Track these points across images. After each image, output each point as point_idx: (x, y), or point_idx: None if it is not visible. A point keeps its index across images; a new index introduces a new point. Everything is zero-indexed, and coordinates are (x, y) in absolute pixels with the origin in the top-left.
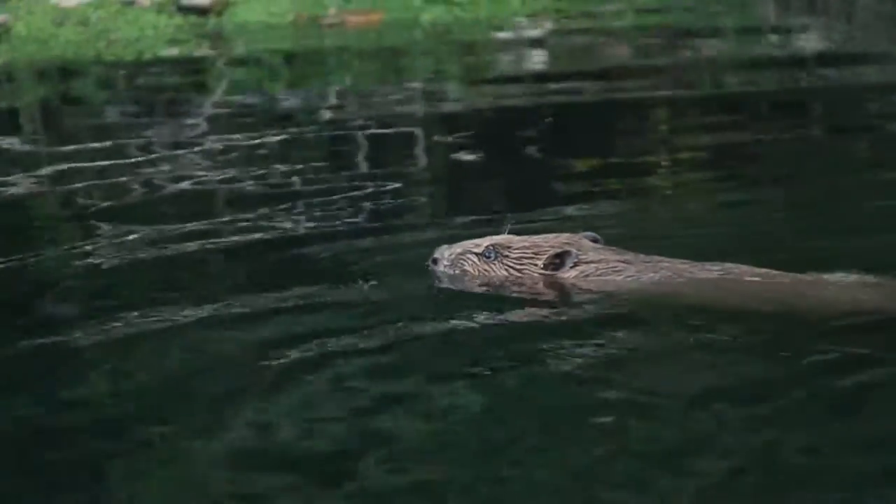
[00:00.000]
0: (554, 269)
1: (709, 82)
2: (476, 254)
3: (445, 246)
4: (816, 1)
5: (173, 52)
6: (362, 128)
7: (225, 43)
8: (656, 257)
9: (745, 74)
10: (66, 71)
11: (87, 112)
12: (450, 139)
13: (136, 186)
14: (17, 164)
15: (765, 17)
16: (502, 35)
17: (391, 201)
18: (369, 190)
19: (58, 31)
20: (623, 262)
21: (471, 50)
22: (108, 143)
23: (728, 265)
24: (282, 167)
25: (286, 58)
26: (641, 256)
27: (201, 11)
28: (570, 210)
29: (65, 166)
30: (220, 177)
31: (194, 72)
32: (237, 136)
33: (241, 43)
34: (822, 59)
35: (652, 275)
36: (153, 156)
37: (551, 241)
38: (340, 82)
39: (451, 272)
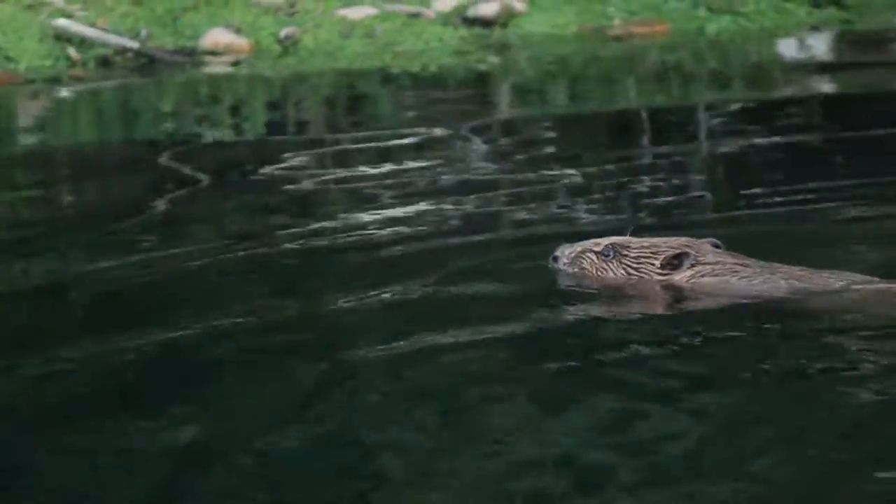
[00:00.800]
0: (671, 270)
1: None
2: (595, 252)
3: (566, 244)
4: None
5: (458, 63)
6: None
7: (509, 54)
8: (776, 264)
9: None
10: (352, 82)
11: (372, 122)
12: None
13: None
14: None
15: None
16: (785, 43)
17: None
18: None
19: (344, 43)
20: (740, 265)
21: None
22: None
23: (848, 274)
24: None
25: (570, 69)
26: (760, 262)
27: (486, 23)
28: None
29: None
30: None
31: (479, 83)
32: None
33: (525, 54)
34: None
35: (766, 279)
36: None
37: (670, 243)
38: (627, 93)
39: (571, 270)
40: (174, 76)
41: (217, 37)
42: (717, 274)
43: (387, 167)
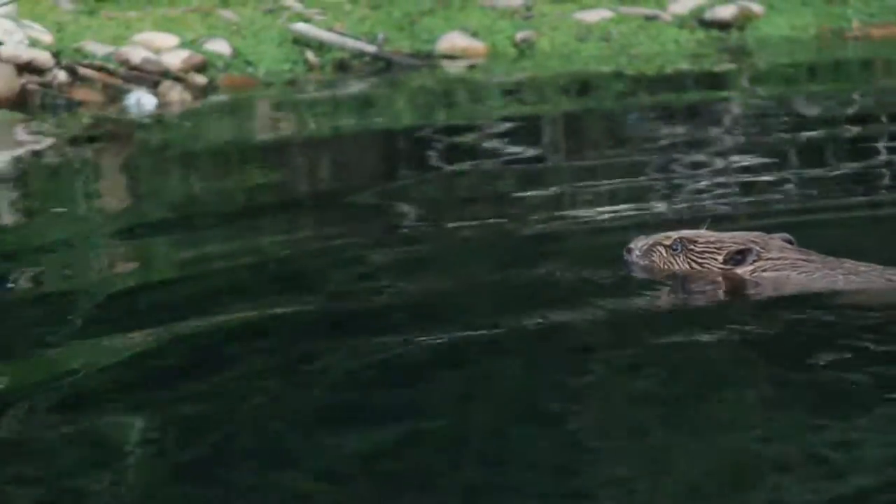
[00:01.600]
0: (734, 265)
1: None
2: (665, 246)
3: (642, 236)
4: None
5: (694, 66)
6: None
7: (747, 57)
8: (843, 259)
9: None
10: (588, 85)
11: (607, 124)
12: None
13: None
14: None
15: None
16: None
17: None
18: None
19: (580, 46)
20: (803, 260)
21: None
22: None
23: None
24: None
25: (809, 70)
26: (827, 258)
27: (723, 26)
28: None
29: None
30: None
31: (715, 86)
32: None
33: (763, 57)
34: None
35: (825, 274)
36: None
37: (736, 238)
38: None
39: (642, 262)
40: (411, 79)
41: (453, 40)
42: (778, 269)
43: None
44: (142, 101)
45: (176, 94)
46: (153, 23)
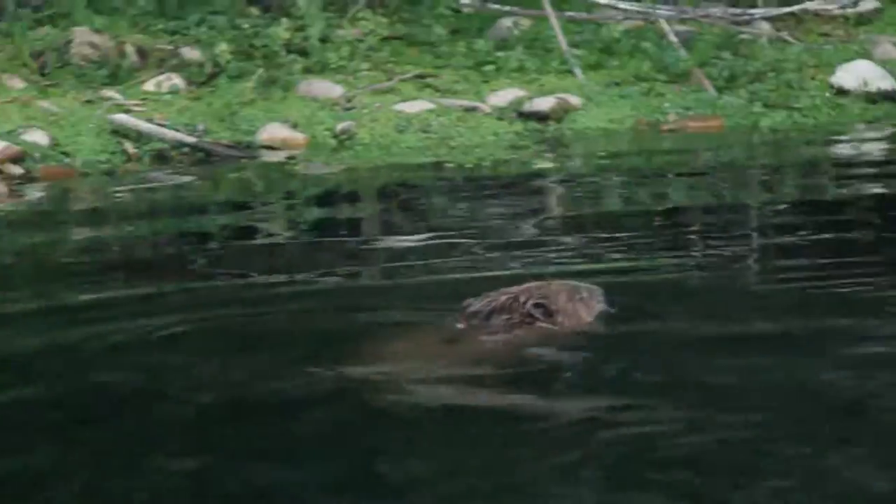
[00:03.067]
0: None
1: None
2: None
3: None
4: None
5: (513, 157)
6: None
7: (564, 149)
8: None
9: None
10: (407, 176)
11: (423, 215)
12: None
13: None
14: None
15: None
16: (841, 139)
17: None
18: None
19: (400, 137)
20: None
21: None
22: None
23: None
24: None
25: (624, 161)
26: None
27: (541, 118)
28: None
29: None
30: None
31: (533, 176)
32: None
33: (580, 148)
34: None
35: None
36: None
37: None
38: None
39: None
40: (230, 171)
41: (273, 131)
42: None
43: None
44: None
45: None
46: None
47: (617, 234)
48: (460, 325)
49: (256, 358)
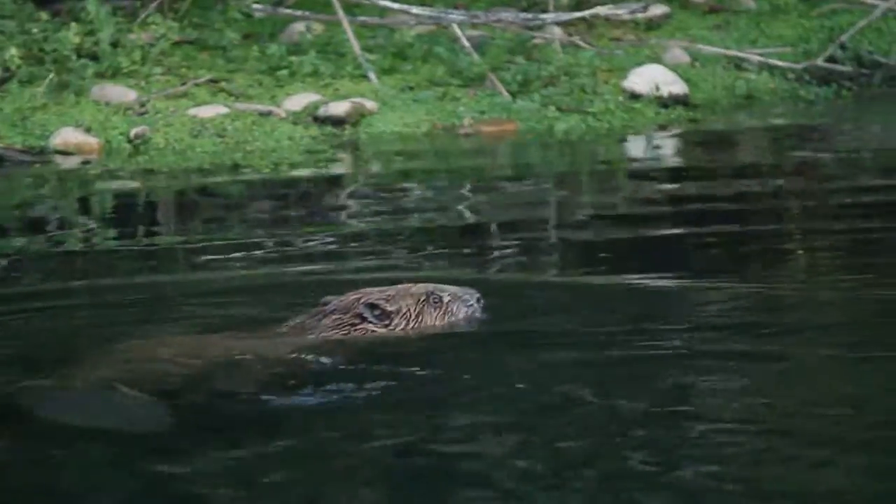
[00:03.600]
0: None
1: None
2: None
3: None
4: None
5: (308, 161)
6: None
7: (360, 153)
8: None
9: None
10: (202, 181)
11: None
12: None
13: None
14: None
15: None
16: (634, 142)
17: None
18: None
19: (195, 142)
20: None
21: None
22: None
23: None
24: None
25: (420, 165)
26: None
27: (337, 122)
28: None
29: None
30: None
31: (329, 181)
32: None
33: (376, 152)
34: None
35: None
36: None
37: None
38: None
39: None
40: (23, 176)
41: (67, 136)
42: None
43: None
44: None
45: None
46: None
47: (420, 243)
48: (288, 325)
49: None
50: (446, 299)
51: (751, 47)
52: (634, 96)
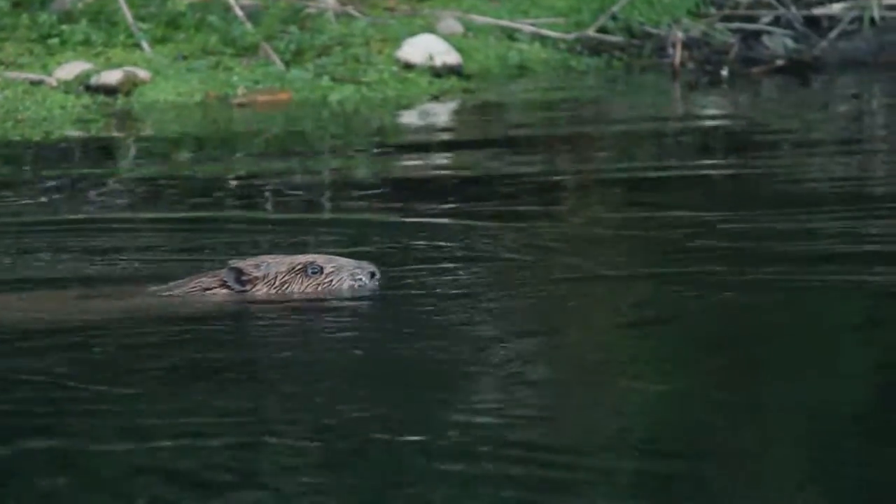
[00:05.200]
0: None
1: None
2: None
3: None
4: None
5: (81, 132)
6: None
7: (133, 122)
8: None
9: None
10: None
11: None
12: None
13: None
14: None
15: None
16: (408, 112)
17: None
18: None
19: None
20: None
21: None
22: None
23: None
24: None
25: (195, 136)
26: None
27: (109, 91)
28: None
29: None
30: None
31: (101, 150)
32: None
33: (149, 122)
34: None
35: None
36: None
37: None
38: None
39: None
40: None
41: None
42: None
43: None
44: None
45: None
46: None
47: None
48: (154, 288)
49: None
50: (327, 270)
51: (523, 18)
52: (408, 66)
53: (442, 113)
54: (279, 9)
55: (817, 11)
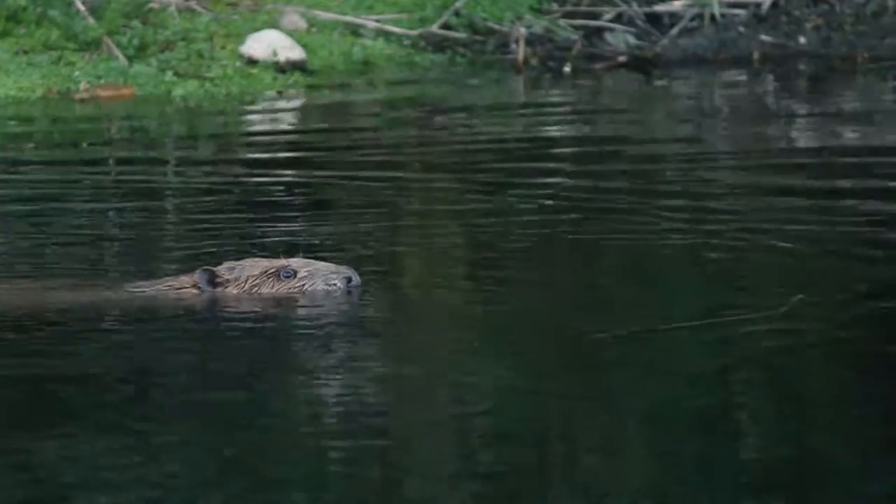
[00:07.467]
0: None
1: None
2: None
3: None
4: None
5: None
6: None
7: None
8: None
9: None
10: None
11: None
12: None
13: None
14: None
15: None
16: (252, 108)
17: None
18: None
19: None
20: None
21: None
22: None
23: None
24: None
25: (37, 131)
26: None
27: None
28: None
29: None
30: None
31: None
32: None
33: None
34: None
35: None
36: None
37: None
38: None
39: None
40: None
41: None
42: None
43: None
44: None
45: None
46: None
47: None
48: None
49: None
50: (301, 274)
51: (368, 14)
52: (252, 62)
53: (281, 108)
54: (121, 3)
55: (659, 8)
